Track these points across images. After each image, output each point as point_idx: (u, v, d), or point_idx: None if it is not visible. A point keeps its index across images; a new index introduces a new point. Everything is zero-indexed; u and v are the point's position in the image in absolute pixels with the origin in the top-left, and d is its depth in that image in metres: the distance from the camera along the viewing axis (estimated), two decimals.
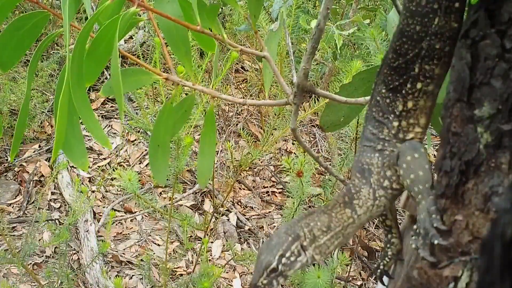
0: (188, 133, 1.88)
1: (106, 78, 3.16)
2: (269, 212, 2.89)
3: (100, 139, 0.70)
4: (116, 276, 2.44)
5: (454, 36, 0.71)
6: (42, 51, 0.78)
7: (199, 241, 2.53)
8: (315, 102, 2.12)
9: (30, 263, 2.39)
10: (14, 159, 2.85)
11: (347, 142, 2.11)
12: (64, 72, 0.67)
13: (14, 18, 0.78)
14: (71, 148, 0.74)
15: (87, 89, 0.76)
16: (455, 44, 0.71)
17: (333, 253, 2.01)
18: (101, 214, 2.70)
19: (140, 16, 0.79)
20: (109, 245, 1.92)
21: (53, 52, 3.15)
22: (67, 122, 0.70)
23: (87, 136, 2.79)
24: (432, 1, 0.70)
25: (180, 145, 1.78)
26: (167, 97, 1.99)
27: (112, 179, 2.88)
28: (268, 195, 2.99)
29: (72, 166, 2.86)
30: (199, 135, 3.06)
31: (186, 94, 2.49)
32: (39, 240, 2.48)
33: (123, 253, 2.56)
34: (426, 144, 0.90)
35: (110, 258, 2.51)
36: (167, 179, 1.84)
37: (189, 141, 1.74)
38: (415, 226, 0.71)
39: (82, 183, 2.81)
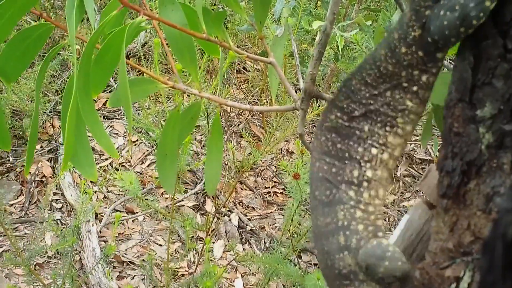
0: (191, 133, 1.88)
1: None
2: (271, 212, 2.90)
3: (107, 149, 0.70)
4: (118, 276, 2.44)
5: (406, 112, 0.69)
6: (49, 62, 0.78)
7: (201, 242, 2.53)
8: (317, 104, 2.12)
9: (32, 263, 2.39)
10: (15, 159, 2.85)
11: None
12: (71, 83, 0.67)
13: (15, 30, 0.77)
14: (79, 159, 0.74)
15: None
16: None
17: None
18: (102, 214, 2.70)
19: (145, 24, 0.78)
20: (114, 248, 1.92)
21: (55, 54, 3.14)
22: (74, 133, 0.69)
23: (88, 136, 2.79)
24: (388, 81, 0.68)
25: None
26: (171, 100, 1.99)
27: (114, 180, 2.89)
28: (270, 195, 2.99)
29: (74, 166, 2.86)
30: (200, 135, 3.07)
31: (188, 95, 2.49)
32: (41, 240, 2.48)
33: (125, 254, 2.57)
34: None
35: (112, 258, 2.51)
36: None
37: (188, 139, 1.74)
38: None
39: (84, 184, 2.81)
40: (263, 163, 3.09)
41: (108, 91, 3.13)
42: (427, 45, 0.65)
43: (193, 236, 2.62)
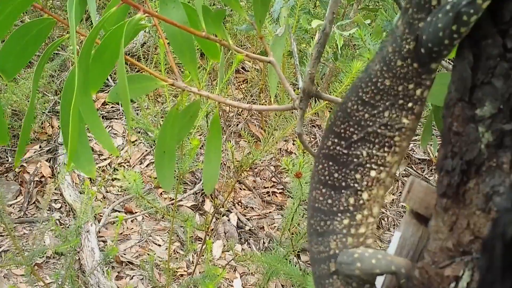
0: (190, 133, 1.88)
1: (107, 79, 3.15)
2: (270, 212, 2.89)
3: (107, 147, 0.70)
4: (116, 276, 2.44)
5: (403, 130, 0.70)
6: (47, 58, 0.78)
7: (200, 242, 2.53)
8: (315, 102, 2.12)
9: (31, 264, 2.39)
10: (14, 159, 2.85)
11: None
12: (70, 80, 0.66)
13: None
14: (78, 156, 0.74)
15: None
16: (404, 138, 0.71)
17: None
18: (101, 214, 2.69)
19: (145, 22, 0.78)
20: (117, 250, 1.91)
21: (55, 54, 3.15)
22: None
23: (88, 136, 2.78)
24: (385, 98, 0.69)
25: (184, 147, 1.78)
26: (170, 99, 1.99)
27: (112, 180, 2.88)
28: (269, 195, 2.99)
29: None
30: (200, 135, 3.07)
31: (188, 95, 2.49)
32: (40, 240, 2.48)
33: (124, 254, 2.56)
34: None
35: (111, 258, 2.51)
36: None
37: (197, 144, 1.73)
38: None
39: (83, 184, 2.81)
40: (262, 163, 3.08)
41: (106, 91, 3.12)
42: (421, 57, 0.66)
43: (191, 236, 2.61)
